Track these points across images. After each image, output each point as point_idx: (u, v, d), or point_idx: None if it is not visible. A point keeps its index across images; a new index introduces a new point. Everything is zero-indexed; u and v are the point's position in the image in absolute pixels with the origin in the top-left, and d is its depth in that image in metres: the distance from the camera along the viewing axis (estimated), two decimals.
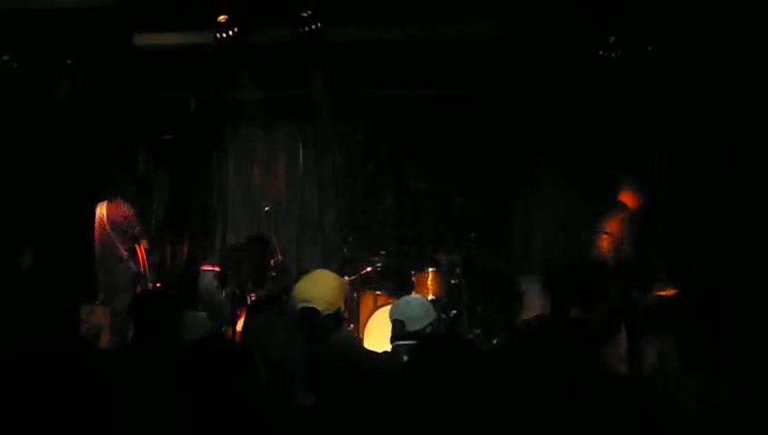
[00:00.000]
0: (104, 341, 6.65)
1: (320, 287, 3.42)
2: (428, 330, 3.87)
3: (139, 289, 6.73)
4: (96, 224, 6.85)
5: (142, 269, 6.94)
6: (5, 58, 6.44)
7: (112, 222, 6.83)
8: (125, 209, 6.95)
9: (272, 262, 7.31)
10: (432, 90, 7.77)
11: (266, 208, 7.47)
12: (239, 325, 5.95)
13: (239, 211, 8.54)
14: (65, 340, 2.10)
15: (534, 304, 6.78)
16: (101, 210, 6.86)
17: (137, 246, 6.94)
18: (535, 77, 6.98)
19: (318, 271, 3.78)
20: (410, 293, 6.62)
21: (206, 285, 6.88)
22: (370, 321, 6.39)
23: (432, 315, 3.93)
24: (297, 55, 6.63)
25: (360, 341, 5.86)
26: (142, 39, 6.61)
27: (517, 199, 8.08)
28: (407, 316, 3.85)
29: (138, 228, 6.99)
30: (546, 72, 6.84)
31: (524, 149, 7.86)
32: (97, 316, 6.81)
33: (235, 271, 6.79)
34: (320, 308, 3.33)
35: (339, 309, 3.45)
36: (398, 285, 7.01)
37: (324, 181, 8.49)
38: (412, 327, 3.80)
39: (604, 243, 6.09)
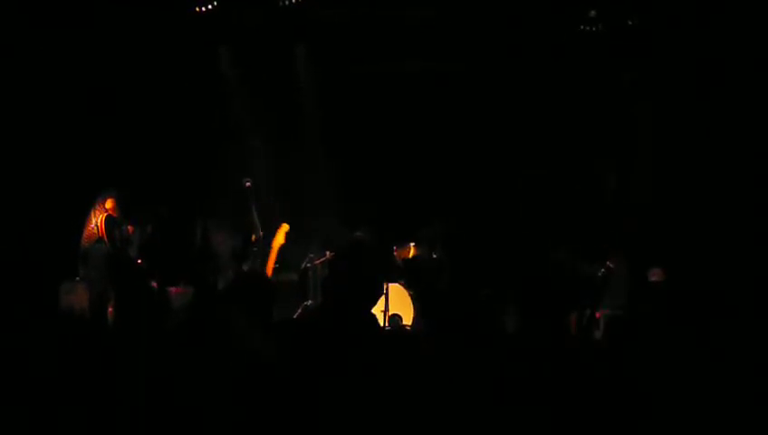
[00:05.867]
0: None
1: None
2: None
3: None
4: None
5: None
6: None
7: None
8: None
9: (253, 238, 7.29)
10: (417, 64, 7.75)
11: (247, 184, 7.43)
12: None
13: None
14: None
15: None
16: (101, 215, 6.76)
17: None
18: (520, 52, 6.98)
19: None
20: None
21: None
22: None
23: None
24: (276, 31, 6.58)
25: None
26: None
27: (500, 176, 8.09)
28: None
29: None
30: (530, 47, 6.84)
31: (509, 126, 7.86)
32: (77, 296, 6.73)
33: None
34: None
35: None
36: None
37: (306, 157, 8.45)
38: None
39: None
